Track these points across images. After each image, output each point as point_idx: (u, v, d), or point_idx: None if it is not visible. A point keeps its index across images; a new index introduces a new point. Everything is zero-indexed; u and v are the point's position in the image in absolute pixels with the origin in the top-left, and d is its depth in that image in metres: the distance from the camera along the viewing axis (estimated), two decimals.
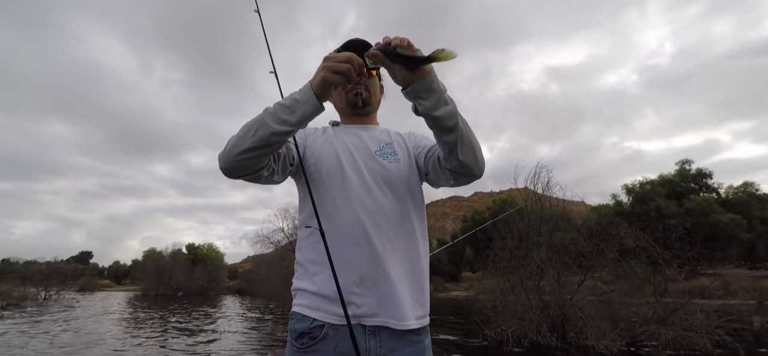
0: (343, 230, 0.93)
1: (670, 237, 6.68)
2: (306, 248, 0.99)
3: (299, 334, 0.90)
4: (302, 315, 0.91)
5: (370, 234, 0.92)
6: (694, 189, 22.78)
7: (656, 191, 22.31)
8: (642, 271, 6.70)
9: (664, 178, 23.56)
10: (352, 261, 0.91)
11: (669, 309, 6.38)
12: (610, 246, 6.91)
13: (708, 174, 23.08)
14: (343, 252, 0.91)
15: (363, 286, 0.90)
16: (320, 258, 0.92)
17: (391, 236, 0.94)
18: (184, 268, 42.80)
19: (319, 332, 0.88)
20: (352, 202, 0.96)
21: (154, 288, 40.64)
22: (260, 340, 8.20)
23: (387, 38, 0.82)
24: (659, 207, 20.70)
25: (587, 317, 6.47)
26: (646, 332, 6.31)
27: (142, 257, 50.98)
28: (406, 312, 0.91)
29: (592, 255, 7.21)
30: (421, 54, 0.81)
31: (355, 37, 0.99)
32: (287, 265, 18.94)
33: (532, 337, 6.65)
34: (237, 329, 10.30)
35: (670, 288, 7.07)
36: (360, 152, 1.05)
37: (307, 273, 0.96)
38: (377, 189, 0.98)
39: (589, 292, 7.34)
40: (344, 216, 0.94)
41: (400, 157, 1.06)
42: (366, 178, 1.00)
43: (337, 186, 0.99)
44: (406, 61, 0.81)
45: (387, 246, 0.93)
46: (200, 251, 52.88)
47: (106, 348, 7.32)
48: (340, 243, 0.92)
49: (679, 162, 23.90)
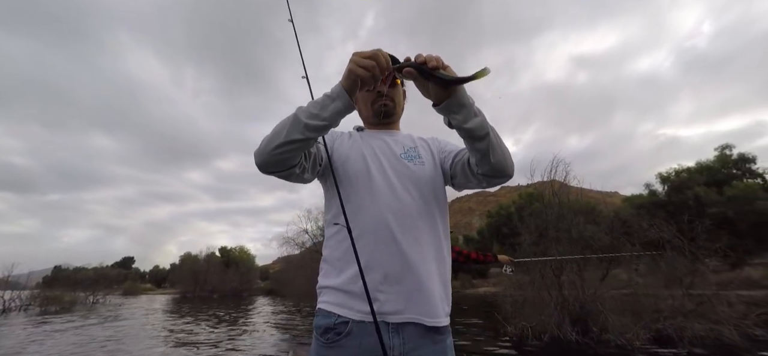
0: (370, 228, 0.96)
1: (696, 228, 6.44)
2: (332, 246, 1.02)
3: (325, 330, 0.92)
4: (327, 311, 0.94)
5: (396, 233, 0.95)
6: (736, 175, 21.33)
7: (694, 179, 21.10)
8: (666, 264, 6.49)
9: (702, 164, 22.23)
10: (377, 259, 0.93)
11: (696, 301, 6.17)
12: (633, 240, 6.75)
13: (752, 158, 21.53)
14: (370, 250, 0.94)
15: (387, 284, 0.92)
16: (346, 255, 0.96)
17: (417, 235, 0.97)
18: (218, 271, 44.80)
19: (344, 328, 0.90)
20: (378, 202, 0.98)
21: (191, 291, 42.82)
22: (285, 338, 8.61)
23: (420, 57, 0.84)
24: (698, 196, 19.56)
25: (609, 311, 6.37)
26: (672, 325, 6.13)
27: (179, 261, 53.86)
28: (437, 309, 0.93)
29: (614, 249, 7.05)
30: (453, 73, 0.83)
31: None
32: (312, 266, 19.47)
33: (553, 332, 6.62)
34: (264, 328, 10.80)
35: (703, 280, 6.78)
36: (385, 155, 1.08)
37: (333, 271, 0.99)
38: (402, 190, 1.01)
39: (612, 286, 7.18)
40: (370, 215, 0.97)
41: (425, 160, 1.10)
42: (391, 179, 1.03)
43: (364, 186, 1.02)
44: (441, 82, 0.83)
45: (413, 244, 0.95)
46: (232, 253, 55.13)
47: (163, 345, 7.94)
48: (366, 242, 0.95)
49: (719, 147, 22.48)
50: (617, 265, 7.48)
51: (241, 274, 46.81)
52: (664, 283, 6.79)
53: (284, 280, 26.35)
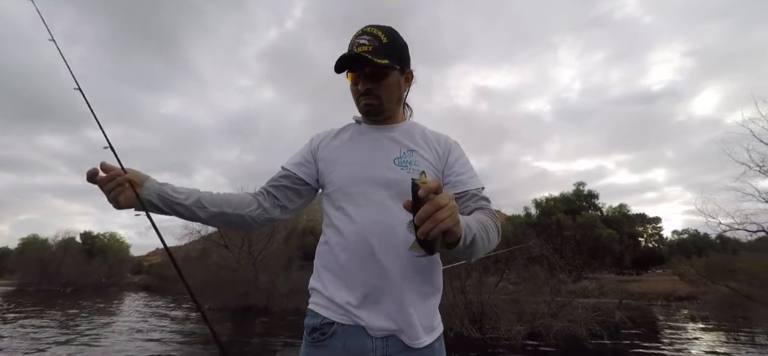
0: (351, 245, 0.94)
1: (565, 247, 8.33)
2: (320, 254, 1.02)
3: (312, 329, 0.93)
4: (315, 312, 0.95)
5: (377, 251, 0.91)
6: (584, 206, 27.29)
7: (557, 206, 26.23)
8: (543, 275, 8.23)
9: (564, 195, 27.78)
10: (358, 278, 0.92)
11: (559, 305, 8.00)
12: (522, 254, 8.36)
13: (595, 195, 27.91)
14: (350, 267, 0.93)
15: (367, 303, 0.90)
16: (331, 266, 0.96)
17: (401, 253, 0.91)
18: (77, 260, 37.01)
19: (329, 329, 0.91)
20: (363, 216, 0.94)
21: (34, 283, 34.37)
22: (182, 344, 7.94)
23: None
24: (559, 221, 24.40)
25: (501, 312, 7.75)
26: (542, 323, 7.80)
27: (20, 245, 42.81)
28: (417, 331, 0.90)
29: (506, 261, 8.57)
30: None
31: (346, 53, 0.96)
32: (214, 260, 17.87)
33: (457, 329, 7.71)
34: (149, 329, 9.69)
35: (562, 289, 8.80)
36: (377, 160, 1.00)
37: (319, 278, 0.99)
38: (391, 202, 0.95)
39: (502, 291, 8.71)
40: (353, 230, 0.94)
41: (421, 167, 0.98)
42: (380, 190, 0.96)
43: (349, 198, 0.98)
44: (439, 247, 0.74)
45: (394, 259, 0.91)
46: (99, 241, 46.37)
47: None
48: (347, 259, 0.93)
49: (576, 183, 28.50)
50: (509, 274, 9.09)
51: (111, 266, 39.63)
52: (537, 290, 8.55)
53: (168, 275, 23.45)
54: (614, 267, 25.52)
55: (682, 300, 15.51)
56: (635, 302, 14.44)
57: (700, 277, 11.98)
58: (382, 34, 0.97)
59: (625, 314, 10.08)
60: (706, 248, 21.37)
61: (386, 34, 0.98)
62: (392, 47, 0.97)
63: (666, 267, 26.74)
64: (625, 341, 8.10)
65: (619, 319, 9.61)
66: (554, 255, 8.13)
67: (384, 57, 0.94)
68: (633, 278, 25.37)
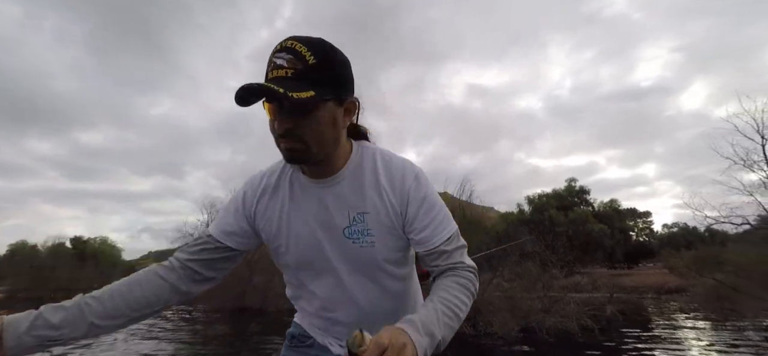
0: (319, 312, 0.94)
1: (557, 243, 8.46)
2: (292, 288, 1.00)
3: (291, 336, 1.03)
4: (297, 322, 1.03)
5: (341, 319, 0.91)
6: (576, 202, 27.64)
7: (550, 203, 26.52)
8: (535, 271, 8.35)
9: (556, 191, 28.09)
10: (330, 330, 0.96)
11: (552, 300, 8.13)
12: (515, 250, 8.48)
13: (587, 191, 28.26)
14: (319, 334, 0.98)
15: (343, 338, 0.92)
16: (306, 307, 0.99)
17: (368, 317, 0.86)
18: (68, 266, 36.48)
19: (307, 340, 0.99)
20: (323, 291, 0.89)
21: (23, 290, 33.81)
22: None
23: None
24: (551, 217, 24.69)
25: (495, 309, 7.85)
26: (535, 319, 7.92)
27: (9, 251, 42.07)
28: None
29: (500, 258, 8.68)
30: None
31: (250, 83, 0.68)
32: None
33: None
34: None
35: (554, 284, 8.94)
36: (325, 232, 0.84)
37: (297, 302, 1.02)
38: (348, 277, 0.86)
39: (496, 288, 8.82)
40: (318, 306, 0.93)
41: (376, 235, 0.83)
42: (335, 266, 0.85)
43: (306, 273, 0.90)
44: None
45: (365, 324, 0.80)
46: (90, 245, 45.75)
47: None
48: (316, 327, 0.99)
49: (568, 179, 28.80)
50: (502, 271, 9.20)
51: (102, 271, 39.16)
52: (531, 287, 8.68)
53: None
54: (606, 262, 25.87)
55: (672, 293, 15.79)
56: (626, 295, 14.66)
57: (688, 270, 12.23)
58: (308, 52, 0.69)
59: (617, 307, 10.27)
60: (695, 241, 21.81)
61: (315, 51, 0.69)
62: (322, 69, 0.70)
63: (656, 260, 27.19)
64: (616, 334, 8.27)
65: (611, 313, 9.80)
66: (546, 251, 8.25)
67: (309, 85, 0.67)
68: (624, 272, 25.78)
